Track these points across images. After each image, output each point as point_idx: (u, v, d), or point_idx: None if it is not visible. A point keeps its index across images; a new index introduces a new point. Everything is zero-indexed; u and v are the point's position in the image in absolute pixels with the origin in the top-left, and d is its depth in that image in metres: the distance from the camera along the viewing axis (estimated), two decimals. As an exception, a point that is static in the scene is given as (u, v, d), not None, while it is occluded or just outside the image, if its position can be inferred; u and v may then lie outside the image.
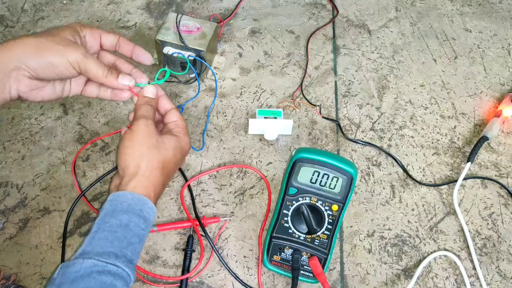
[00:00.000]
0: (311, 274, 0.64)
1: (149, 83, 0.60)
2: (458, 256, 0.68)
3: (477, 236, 0.70)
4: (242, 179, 0.74)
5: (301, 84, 0.84)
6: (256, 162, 0.76)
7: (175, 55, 0.77)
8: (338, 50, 0.89)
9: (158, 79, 0.66)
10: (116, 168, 0.72)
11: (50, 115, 0.79)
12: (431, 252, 0.69)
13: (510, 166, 0.77)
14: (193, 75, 0.81)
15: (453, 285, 0.66)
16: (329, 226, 0.63)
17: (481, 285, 0.66)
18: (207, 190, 0.73)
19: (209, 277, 0.66)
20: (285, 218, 0.64)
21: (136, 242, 0.51)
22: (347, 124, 0.80)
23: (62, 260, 0.66)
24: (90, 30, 0.57)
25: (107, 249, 0.49)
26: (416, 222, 0.71)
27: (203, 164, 0.75)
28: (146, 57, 0.60)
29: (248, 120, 0.78)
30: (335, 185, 0.62)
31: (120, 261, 0.48)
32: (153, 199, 0.54)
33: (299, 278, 0.64)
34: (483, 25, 0.94)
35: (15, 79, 0.51)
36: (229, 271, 0.66)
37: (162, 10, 0.93)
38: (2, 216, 0.69)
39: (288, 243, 0.64)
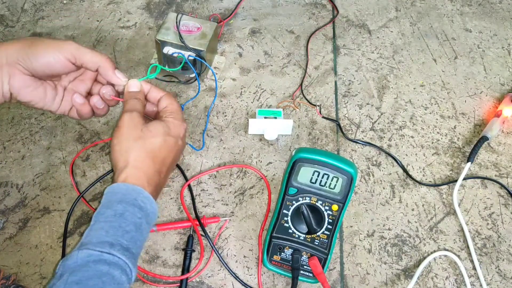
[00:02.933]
0: (311, 274, 0.64)
1: (139, 79, 0.60)
2: (458, 256, 0.68)
3: (477, 236, 0.70)
4: (242, 179, 0.74)
5: (301, 84, 0.84)
6: (256, 162, 0.76)
7: (175, 55, 0.77)
8: (338, 50, 0.89)
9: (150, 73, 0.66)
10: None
11: (50, 115, 0.79)
12: (431, 252, 0.69)
13: (510, 166, 0.77)
14: (193, 75, 0.81)
15: (453, 285, 0.66)
16: (329, 226, 0.63)
17: (481, 285, 0.66)
18: (207, 190, 0.73)
19: (209, 277, 0.66)
20: (285, 218, 0.64)
21: (133, 230, 0.51)
22: (347, 124, 0.80)
23: (62, 260, 0.66)
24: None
25: (102, 238, 0.49)
26: (416, 222, 0.71)
27: (203, 164, 0.75)
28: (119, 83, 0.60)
29: (248, 120, 0.78)
30: (335, 185, 0.62)
31: (115, 249, 0.48)
32: (147, 188, 0.54)
33: (299, 278, 0.64)
34: (483, 25, 0.94)
35: (8, 72, 0.53)
36: (229, 271, 0.66)
37: (162, 10, 0.93)
38: (2, 216, 0.69)
39: (288, 243, 0.64)
